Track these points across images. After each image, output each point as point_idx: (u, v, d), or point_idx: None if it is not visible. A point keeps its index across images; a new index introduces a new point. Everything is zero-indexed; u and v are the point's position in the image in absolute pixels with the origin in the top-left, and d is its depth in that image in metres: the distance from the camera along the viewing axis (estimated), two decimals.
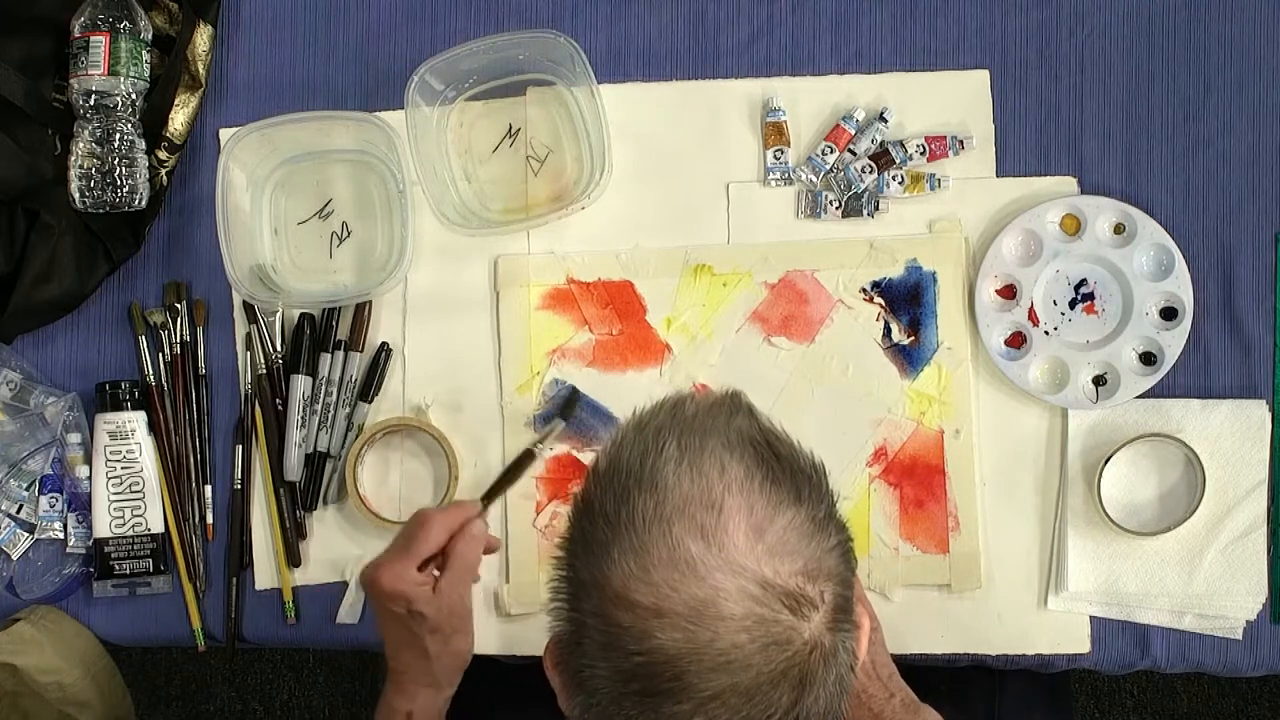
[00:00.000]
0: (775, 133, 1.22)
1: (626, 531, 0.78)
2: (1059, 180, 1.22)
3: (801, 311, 1.22)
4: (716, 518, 0.77)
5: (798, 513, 0.79)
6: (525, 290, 1.23)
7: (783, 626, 0.76)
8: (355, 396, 1.24)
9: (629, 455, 0.81)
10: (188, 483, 1.24)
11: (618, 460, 0.81)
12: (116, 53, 1.19)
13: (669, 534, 0.77)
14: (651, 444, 0.81)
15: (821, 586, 0.78)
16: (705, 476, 0.79)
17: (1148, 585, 1.19)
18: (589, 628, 0.79)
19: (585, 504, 0.82)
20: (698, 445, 0.80)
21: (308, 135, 1.24)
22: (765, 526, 0.78)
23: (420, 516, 1.05)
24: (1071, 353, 1.20)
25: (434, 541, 1.04)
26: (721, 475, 0.79)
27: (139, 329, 1.25)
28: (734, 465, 0.80)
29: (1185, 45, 1.22)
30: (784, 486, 0.80)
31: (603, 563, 0.78)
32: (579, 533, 0.82)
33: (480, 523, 1.07)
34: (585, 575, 0.80)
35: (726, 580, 0.76)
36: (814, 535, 0.79)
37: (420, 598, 1.02)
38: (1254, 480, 1.19)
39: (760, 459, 0.81)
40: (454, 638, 1.05)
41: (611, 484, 0.80)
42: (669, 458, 0.79)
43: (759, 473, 0.80)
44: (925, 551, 1.20)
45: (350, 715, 2.00)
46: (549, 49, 1.20)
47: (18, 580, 1.22)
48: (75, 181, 1.19)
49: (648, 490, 0.79)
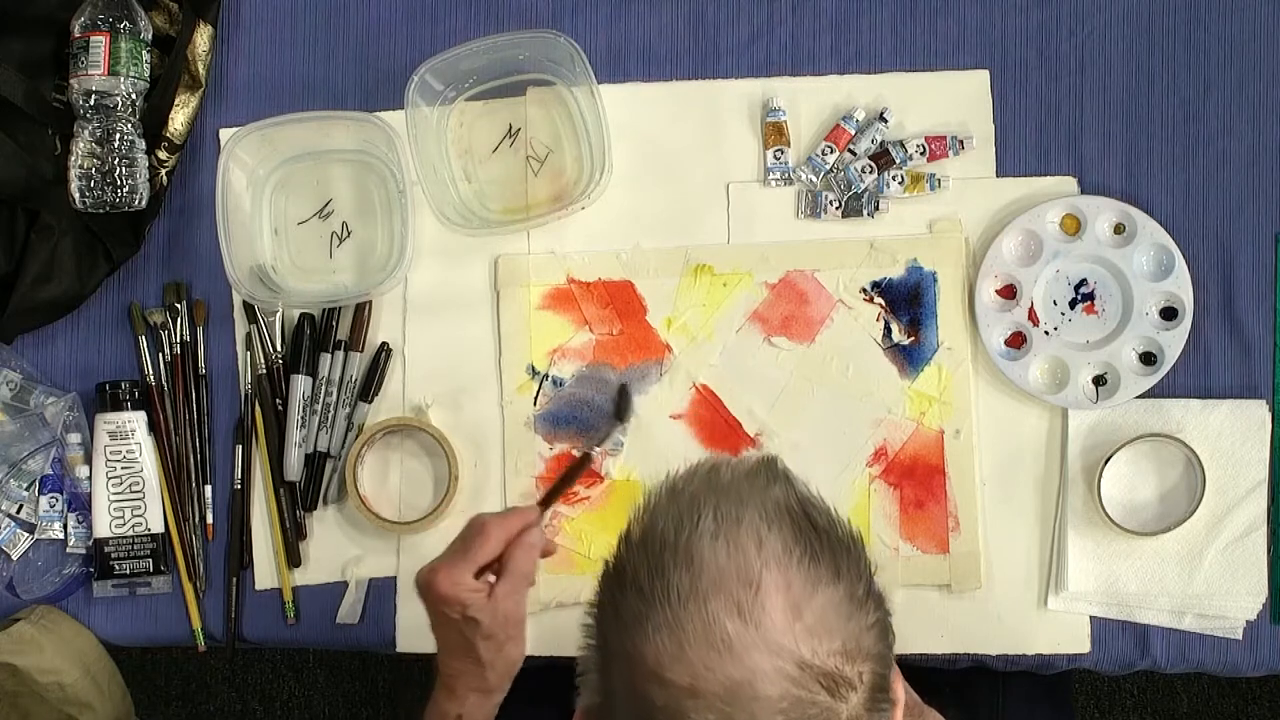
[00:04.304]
0: (775, 133, 1.22)
1: (661, 606, 0.76)
2: (1059, 180, 1.22)
3: (802, 311, 1.22)
4: (754, 595, 0.76)
5: (836, 589, 0.78)
6: (525, 290, 1.23)
7: (819, 708, 0.75)
8: (355, 396, 1.24)
9: (664, 525, 0.79)
10: (188, 483, 1.24)
11: (652, 529, 0.79)
12: (116, 53, 1.19)
13: (705, 610, 0.75)
14: (687, 514, 0.79)
15: (860, 666, 0.77)
16: (743, 551, 0.77)
17: (1148, 585, 1.19)
18: (619, 701, 0.78)
19: (618, 573, 0.80)
20: (734, 516, 0.79)
21: (308, 135, 1.24)
22: (803, 604, 0.76)
23: (478, 522, 1.04)
24: (1071, 353, 1.20)
25: (491, 548, 1.03)
26: (759, 550, 0.77)
27: (139, 329, 1.25)
28: (771, 538, 0.78)
29: (1185, 45, 1.22)
30: (822, 562, 0.78)
31: (636, 637, 0.77)
32: (611, 603, 0.80)
33: (538, 530, 1.06)
34: (617, 648, 0.78)
35: (763, 660, 0.74)
36: (853, 613, 0.78)
37: (476, 604, 1.01)
38: (1254, 480, 1.19)
39: (798, 531, 0.79)
40: (508, 644, 1.04)
41: (646, 555, 0.79)
42: (705, 530, 0.78)
43: (797, 547, 0.78)
44: (925, 552, 1.20)
45: (350, 715, 2.00)
46: (549, 49, 1.20)
47: (18, 580, 1.22)
48: (75, 181, 1.19)
49: (683, 564, 0.77)
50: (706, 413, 1.22)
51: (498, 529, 1.03)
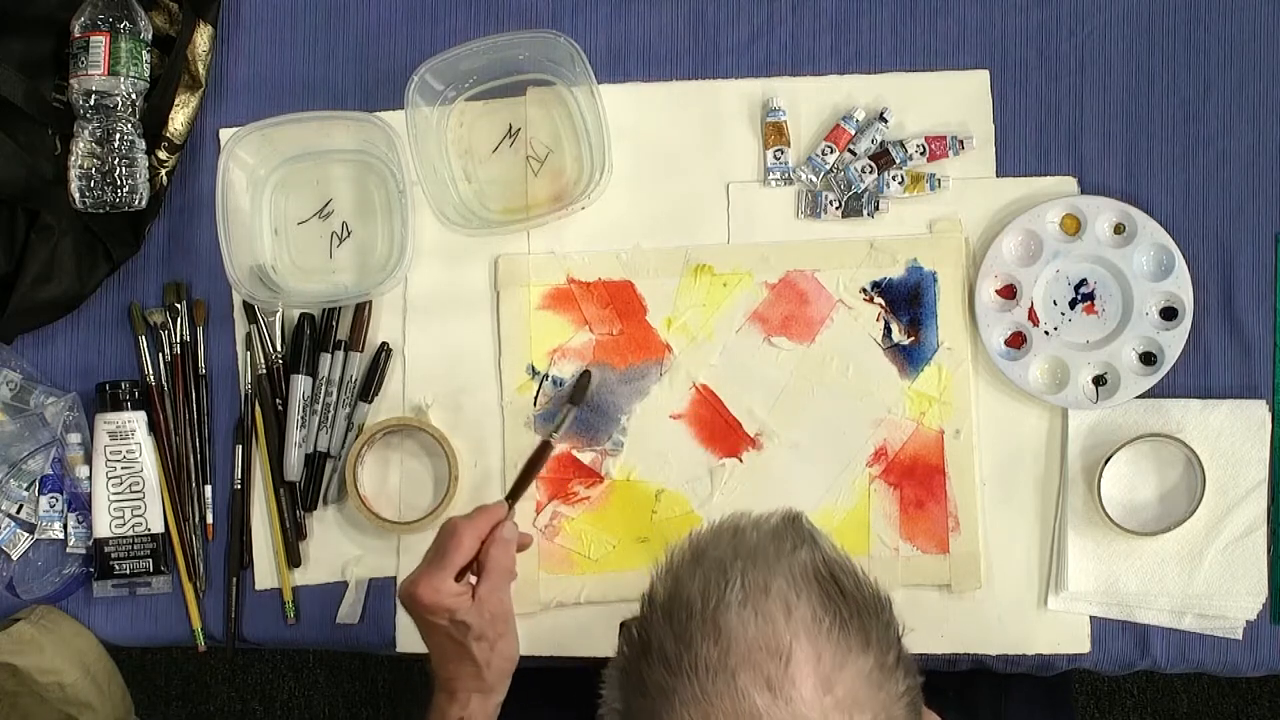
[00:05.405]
0: (775, 133, 1.22)
1: (689, 680, 0.75)
2: (1059, 180, 1.22)
3: (802, 311, 1.22)
4: (784, 668, 0.75)
5: (866, 659, 0.77)
6: (525, 290, 1.23)
7: None
8: (355, 396, 1.24)
9: (689, 591, 0.78)
10: (188, 483, 1.24)
11: (677, 596, 0.78)
12: (116, 53, 1.19)
13: (734, 685, 0.74)
14: (713, 581, 0.78)
15: None
16: (771, 621, 0.76)
17: (1148, 585, 1.19)
18: None
19: (643, 641, 0.79)
20: (762, 585, 0.77)
21: (308, 135, 1.24)
22: (833, 677, 0.75)
23: (449, 526, 1.05)
24: (1071, 353, 1.20)
25: (466, 550, 1.03)
26: (788, 620, 0.76)
27: (139, 329, 1.25)
28: (800, 607, 0.77)
29: (1185, 45, 1.22)
30: (852, 630, 0.77)
31: (662, 710, 0.76)
32: (635, 671, 0.79)
33: (510, 525, 1.07)
34: (642, 717, 0.77)
35: None
36: (883, 684, 0.77)
37: (461, 607, 1.02)
38: (1254, 480, 1.19)
39: (827, 597, 0.78)
40: (499, 642, 1.05)
41: (671, 624, 0.78)
42: (733, 600, 0.77)
43: (826, 616, 0.77)
44: (925, 551, 1.20)
45: (350, 715, 2.00)
46: (549, 49, 1.20)
47: (18, 580, 1.22)
48: (75, 181, 1.19)
49: (711, 636, 0.76)
50: (706, 413, 1.22)
51: (469, 530, 1.04)
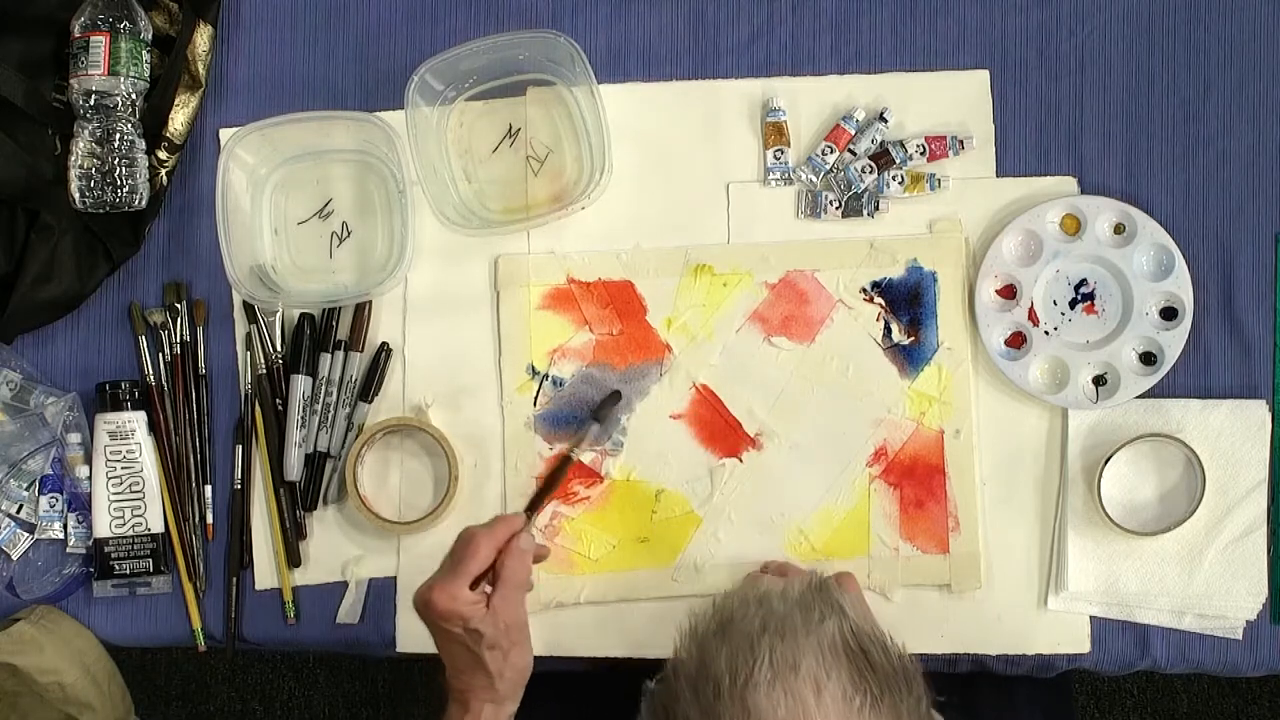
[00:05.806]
0: (775, 133, 1.22)
1: None
2: (1059, 180, 1.22)
3: (801, 311, 1.22)
4: None
5: None
6: (525, 290, 1.23)
7: None
8: (355, 396, 1.24)
9: (716, 667, 0.77)
10: (188, 483, 1.24)
11: (704, 670, 0.78)
12: (116, 53, 1.19)
13: None
14: (742, 657, 0.77)
15: None
16: (801, 702, 0.75)
17: (1148, 585, 1.19)
18: None
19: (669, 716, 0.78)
20: (791, 662, 0.77)
21: (308, 135, 1.24)
22: None
23: (466, 535, 1.05)
24: (1071, 353, 1.20)
25: (482, 560, 1.03)
26: (818, 700, 0.76)
27: (139, 329, 1.25)
28: (830, 684, 0.76)
29: (1185, 45, 1.22)
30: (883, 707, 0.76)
31: None
32: None
33: (527, 535, 1.07)
34: None
35: None
36: None
37: (475, 615, 1.02)
38: (1254, 480, 1.19)
39: (857, 673, 0.77)
40: (513, 652, 1.05)
41: (698, 699, 0.77)
42: (761, 679, 0.76)
43: (857, 695, 0.76)
44: (925, 551, 1.20)
45: (350, 715, 2.00)
46: (549, 49, 1.20)
47: (18, 580, 1.22)
48: (75, 181, 1.19)
49: (740, 717, 0.75)
50: (706, 413, 1.22)
51: (486, 539, 1.04)
